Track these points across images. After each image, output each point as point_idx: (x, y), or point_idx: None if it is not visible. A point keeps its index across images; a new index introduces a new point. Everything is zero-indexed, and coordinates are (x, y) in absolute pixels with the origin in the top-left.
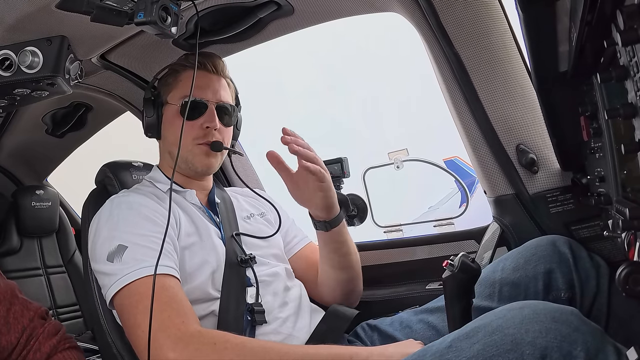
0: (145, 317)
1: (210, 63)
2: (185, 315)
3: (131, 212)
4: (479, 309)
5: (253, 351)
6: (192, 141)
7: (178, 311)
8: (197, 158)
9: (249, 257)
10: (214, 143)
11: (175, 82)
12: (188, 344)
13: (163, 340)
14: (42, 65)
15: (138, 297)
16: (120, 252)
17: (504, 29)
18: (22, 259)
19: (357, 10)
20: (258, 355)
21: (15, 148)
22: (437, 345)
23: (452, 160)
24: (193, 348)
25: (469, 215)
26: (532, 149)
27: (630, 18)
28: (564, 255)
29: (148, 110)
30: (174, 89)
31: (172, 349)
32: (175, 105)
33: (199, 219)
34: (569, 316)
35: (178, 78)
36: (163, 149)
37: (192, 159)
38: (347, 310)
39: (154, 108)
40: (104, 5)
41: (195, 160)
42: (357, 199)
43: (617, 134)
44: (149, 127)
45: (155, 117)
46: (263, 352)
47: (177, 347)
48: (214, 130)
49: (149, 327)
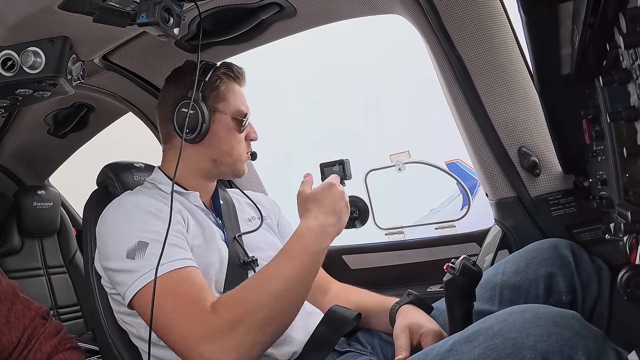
0: (174, 315)
1: (242, 76)
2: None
3: (141, 211)
4: (480, 312)
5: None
6: (244, 151)
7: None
8: (243, 165)
9: (252, 260)
10: (253, 153)
11: (226, 93)
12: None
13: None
14: (44, 66)
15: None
16: (142, 249)
17: (506, 31)
18: (23, 259)
19: (360, 12)
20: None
21: (17, 148)
22: (437, 348)
23: (454, 162)
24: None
25: (470, 218)
26: (534, 151)
27: (633, 21)
28: (566, 258)
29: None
30: (227, 100)
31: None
32: (230, 117)
33: (204, 220)
34: (570, 320)
35: (228, 88)
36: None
37: (239, 166)
38: (347, 312)
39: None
40: (107, 6)
41: (242, 167)
42: (359, 201)
43: (619, 137)
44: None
45: (208, 122)
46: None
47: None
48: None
49: (149, 331)
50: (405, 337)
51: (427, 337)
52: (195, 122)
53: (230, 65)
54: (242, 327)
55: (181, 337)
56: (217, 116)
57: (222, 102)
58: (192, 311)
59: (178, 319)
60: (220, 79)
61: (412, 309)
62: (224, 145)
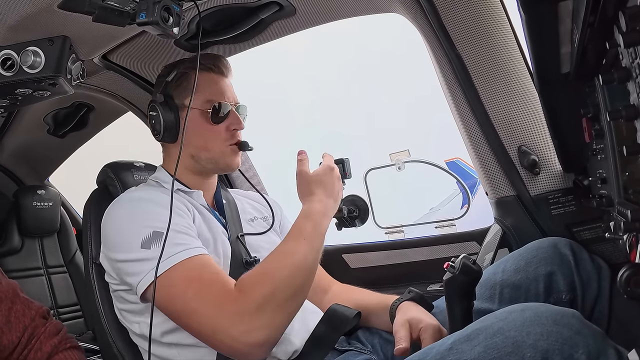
0: (199, 300)
1: (221, 65)
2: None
3: (153, 203)
4: (480, 311)
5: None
6: (223, 143)
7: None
8: (229, 158)
9: (254, 260)
10: (242, 143)
11: (192, 86)
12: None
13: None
14: (44, 66)
15: (186, 280)
16: (158, 238)
17: (506, 30)
18: (23, 258)
19: (359, 11)
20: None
21: (16, 148)
22: (437, 347)
23: (453, 161)
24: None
25: (470, 217)
26: (534, 150)
27: (633, 19)
28: (565, 257)
29: (166, 113)
30: (194, 93)
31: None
32: (199, 110)
33: (210, 218)
34: (570, 319)
35: (192, 82)
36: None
37: (223, 159)
38: (347, 310)
39: (170, 111)
40: (106, 5)
41: (228, 160)
42: (359, 200)
43: (619, 136)
44: (167, 130)
45: (174, 120)
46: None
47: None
48: (239, 131)
49: (150, 323)
50: (405, 330)
51: (426, 332)
52: (160, 123)
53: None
54: (270, 305)
55: (209, 321)
56: (185, 112)
57: (188, 97)
58: (219, 294)
59: (205, 303)
60: (184, 74)
61: (412, 305)
62: (197, 141)
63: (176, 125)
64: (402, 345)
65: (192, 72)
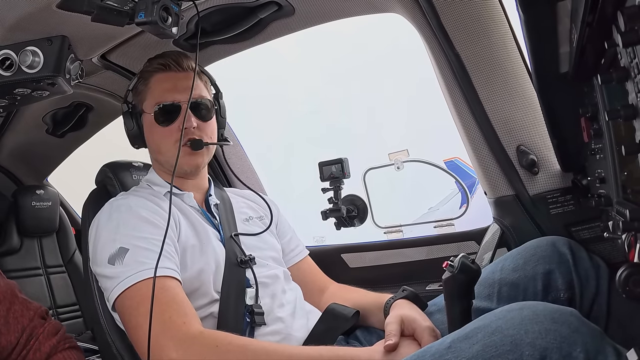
0: (147, 318)
1: (172, 62)
2: (187, 315)
3: (131, 214)
4: (478, 309)
5: (256, 353)
6: (173, 144)
7: (179, 312)
8: (182, 160)
9: (249, 258)
10: (193, 142)
11: (146, 90)
12: (191, 345)
13: (165, 341)
14: (42, 65)
15: (139, 299)
16: (122, 255)
17: (505, 29)
18: (22, 258)
19: (358, 11)
20: (261, 357)
21: (15, 148)
22: (436, 346)
23: (452, 161)
24: (196, 349)
25: (469, 216)
26: (533, 150)
27: (631, 19)
28: (564, 255)
29: (128, 122)
30: (147, 98)
31: (175, 350)
32: (150, 114)
33: (197, 222)
34: (568, 317)
35: (148, 85)
36: (151, 156)
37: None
38: (345, 309)
39: (132, 119)
40: (105, 5)
41: (181, 162)
42: (358, 199)
43: (617, 136)
44: (133, 139)
45: (137, 128)
46: (265, 354)
47: (179, 348)
48: (192, 129)
49: (149, 329)
50: (396, 325)
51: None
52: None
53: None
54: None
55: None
56: (144, 117)
57: (144, 101)
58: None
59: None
60: (140, 79)
61: (406, 303)
62: (151, 144)
63: (140, 132)
64: (392, 340)
65: (148, 75)
